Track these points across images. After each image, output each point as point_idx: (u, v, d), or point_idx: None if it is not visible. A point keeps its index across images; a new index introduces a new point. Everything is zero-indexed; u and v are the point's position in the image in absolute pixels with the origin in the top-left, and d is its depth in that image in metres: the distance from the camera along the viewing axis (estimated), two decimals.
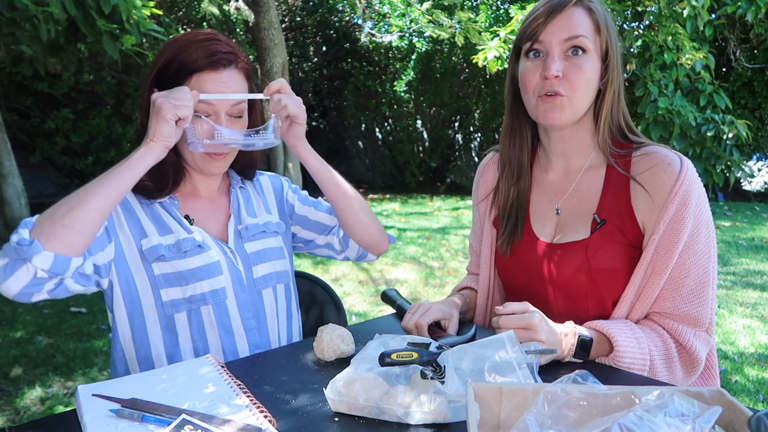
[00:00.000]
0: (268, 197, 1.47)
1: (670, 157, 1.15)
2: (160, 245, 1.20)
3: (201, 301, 1.22)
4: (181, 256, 1.21)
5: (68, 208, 1.05)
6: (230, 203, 1.37)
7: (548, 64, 1.14)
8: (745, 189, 9.57)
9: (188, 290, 1.21)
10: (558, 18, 1.14)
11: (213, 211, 1.34)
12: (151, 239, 1.21)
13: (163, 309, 1.21)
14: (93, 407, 0.89)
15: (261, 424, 0.83)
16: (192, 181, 1.33)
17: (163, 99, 1.10)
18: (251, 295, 1.30)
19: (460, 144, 10.85)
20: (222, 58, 1.19)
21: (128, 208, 1.24)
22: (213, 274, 1.23)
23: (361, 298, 4.33)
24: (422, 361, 0.90)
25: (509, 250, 1.32)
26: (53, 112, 7.69)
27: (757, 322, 3.67)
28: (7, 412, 2.63)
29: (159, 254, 1.19)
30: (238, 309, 1.28)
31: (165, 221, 1.25)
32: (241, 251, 1.31)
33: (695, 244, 1.13)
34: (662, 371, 1.14)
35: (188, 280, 1.21)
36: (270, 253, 1.36)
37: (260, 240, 1.35)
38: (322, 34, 10.90)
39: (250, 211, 1.39)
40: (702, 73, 5.22)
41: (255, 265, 1.32)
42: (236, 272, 1.28)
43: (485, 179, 1.45)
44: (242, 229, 1.33)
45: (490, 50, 5.15)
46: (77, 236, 1.04)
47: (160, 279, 1.20)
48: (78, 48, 3.82)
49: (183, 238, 1.22)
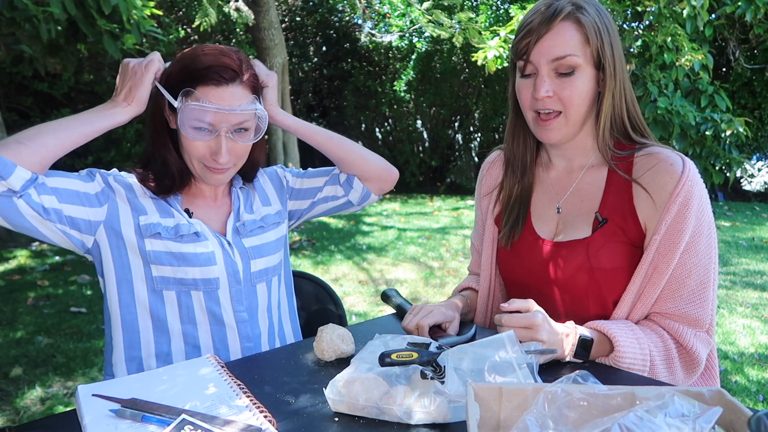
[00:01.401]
0: (267, 190, 1.49)
1: (672, 158, 1.15)
2: (158, 224, 1.25)
3: (192, 285, 1.25)
4: (177, 239, 1.25)
5: (28, 132, 1.13)
6: (231, 202, 1.40)
7: (537, 86, 1.15)
8: (745, 189, 9.57)
9: (179, 272, 1.24)
10: (546, 37, 1.14)
11: (214, 209, 1.37)
12: (150, 217, 1.25)
13: (153, 282, 1.24)
14: (93, 407, 0.89)
15: (261, 425, 0.83)
16: (196, 184, 1.36)
17: (136, 62, 1.21)
18: (246, 288, 1.32)
19: (460, 144, 10.85)
20: (225, 75, 1.19)
21: (131, 190, 1.28)
22: (206, 263, 1.26)
23: (361, 298, 4.32)
24: (422, 361, 0.90)
25: (509, 245, 1.32)
26: (53, 112, 7.70)
27: (757, 322, 3.67)
28: (7, 412, 2.62)
29: (155, 231, 1.23)
30: (231, 301, 1.29)
31: (167, 208, 1.29)
32: (239, 245, 1.33)
33: (697, 244, 1.13)
34: (662, 372, 1.14)
35: (180, 262, 1.24)
36: (267, 248, 1.38)
37: (258, 235, 1.38)
38: (322, 34, 10.89)
39: (248, 209, 1.41)
40: (701, 73, 5.21)
41: (253, 259, 1.34)
42: (232, 264, 1.30)
43: (489, 177, 1.46)
44: (239, 226, 1.36)
45: (489, 49, 5.14)
46: (26, 150, 1.09)
47: (151, 255, 1.23)
48: (78, 48, 3.83)
49: (182, 223, 1.26)
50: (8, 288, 4.51)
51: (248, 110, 1.22)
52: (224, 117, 1.20)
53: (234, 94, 1.20)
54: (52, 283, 4.67)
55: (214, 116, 1.19)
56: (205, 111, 1.18)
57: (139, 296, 1.24)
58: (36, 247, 5.85)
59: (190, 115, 1.19)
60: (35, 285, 4.60)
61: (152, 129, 1.30)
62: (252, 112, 1.24)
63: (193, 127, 1.20)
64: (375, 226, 6.98)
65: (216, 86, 1.19)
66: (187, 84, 1.20)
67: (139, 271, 1.24)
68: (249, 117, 1.24)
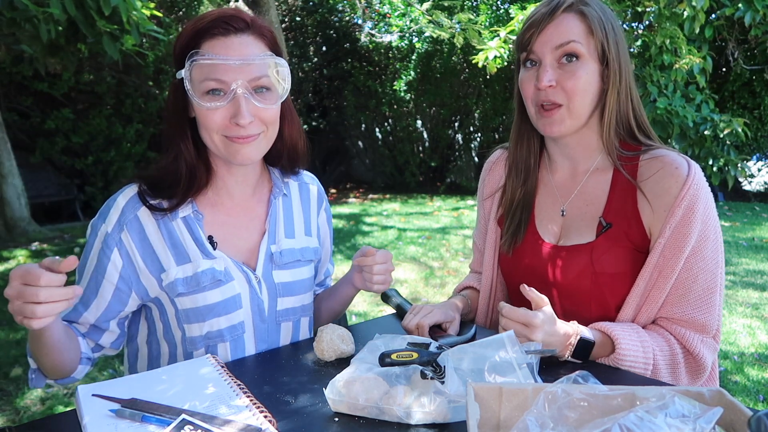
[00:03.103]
0: (312, 212, 1.33)
1: (678, 161, 1.14)
2: (177, 281, 1.12)
3: (218, 338, 1.16)
4: (200, 290, 1.13)
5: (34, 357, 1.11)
6: (267, 216, 1.23)
7: (540, 75, 1.15)
8: (745, 189, 9.56)
9: (205, 327, 1.15)
10: (549, 27, 1.14)
11: (245, 225, 1.21)
12: (170, 273, 1.13)
13: (184, 345, 1.17)
14: (93, 407, 0.89)
15: (261, 425, 0.83)
16: (219, 184, 1.19)
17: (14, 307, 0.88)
18: (269, 327, 1.22)
19: (460, 144, 10.84)
20: (233, 23, 1.06)
21: (143, 239, 1.13)
22: (232, 309, 1.16)
23: (361, 298, 4.32)
24: (422, 361, 0.90)
25: (511, 251, 1.32)
26: (53, 112, 7.69)
27: (758, 322, 3.67)
28: (7, 412, 2.62)
29: (177, 292, 1.13)
30: (255, 342, 1.21)
31: (183, 246, 1.14)
32: (269, 279, 1.21)
33: (703, 249, 1.12)
34: (666, 376, 1.13)
35: (206, 316, 1.14)
36: (299, 286, 1.25)
37: (292, 270, 1.24)
38: (322, 34, 10.89)
39: (289, 229, 1.26)
40: (697, 77, 5.21)
41: (281, 297, 1.22)
42: (258, 302, 1.19)
43: (491, 177, 1.45)
44: (276, 253, 1.21)
45: (490, 50, 5.14)
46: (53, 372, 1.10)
47: (182, 315, 1.15)
48: (78, 48, 3.82)
49: (201, 271, 1.13)
50: None
51: (264, 60, 1.05)
52: (237, 70, 1.04)
53: (245, 44, 1.05)
54: None
55: (224, 71, 1.03)
56: (214, 66, 1.03)
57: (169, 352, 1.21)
58: (36, 247, 5.84)
59: (197, 76, 1.05)
60: None
61: (168, 121, 1.15)
62: (269, 66, 1.07)
63: (204, 92, 1.05)
64: (375, 226, 6.98)
65: (224, 36, 1.04)
66: (192, 45, 1.06)
67: (176, 334, 1.17)
68: (267, 71, 1.07)
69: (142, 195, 1.13)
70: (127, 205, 1.13)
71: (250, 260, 1.20)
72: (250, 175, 1.22)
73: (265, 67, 1.07)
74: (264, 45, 1.09)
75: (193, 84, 1.05)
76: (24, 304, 0.86)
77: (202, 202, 1.18)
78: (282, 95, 1.11)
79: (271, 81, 1.09)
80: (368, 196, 9.91)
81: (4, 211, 6.30)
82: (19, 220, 6.37)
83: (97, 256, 1.13)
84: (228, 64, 1.03)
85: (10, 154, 6.27)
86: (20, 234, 6.30)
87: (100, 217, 1.14)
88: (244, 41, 1.05)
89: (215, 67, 1.03)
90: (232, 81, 1.04)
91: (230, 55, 1.03)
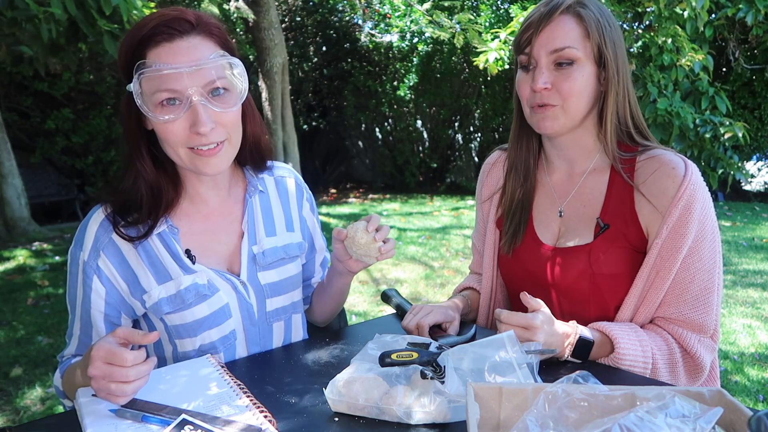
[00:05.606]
0: (292, 206, 1.28)
1: (675, 161, 1.14)
2: (161, 300, 1.10)
3: (211, 350, 1.14)
4: (186, 306, 1.10)
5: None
6: (244, 216, 1.19)
7: (536, 77, 1.15)
8: (745, 189, 9.56)
9: (197, 341, 1.13)
10: (545, 30, 1.14)
11: (224, 229, 1.17)
12: (152, 294, 1.10)
13: (175, 360, 1.16)
14: (93, 407, 0.89)
15: (261, 425, 0.83)
16: (191, 193, 1.14)
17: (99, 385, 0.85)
18: (261, 329, 1.20)
19: (460, 144, 10.84)
20: (177, 26, 0.98)
21: (121, 261, 1.10)
22: (222, 320, 1.14)
23: (361, 298, 4.32)
24: (422, 361, 0.90)
25: (511, 252, 1.32)
26: (53, 112, 7.69)
27: (758, 321, 3.67)
28: (7, 412, 2.62)
29: (163, 311, 1.10)
30: (246, 346, 1.20)
31: (162, 265, 1.11)
32: (255, 282, 1.18)
33: (700, 249, 1.12)
34: (665, 376, 1.13)
35: (196, 331, 1.12)
36: (287, 284, 1.23)
37: (278, 269, 1.21)
38: (322, 34, 10.89)
39: (269, 227, 1.22)
40: (700, 74, 5.21)
41: (269, 298, 1.20)
42: (247, 307, 1.17)
43: (490, 179, 1.45)
44: (258, 254, 1.18)
45: (490, 52, 5.14)
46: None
47: (172, 330, 1.13)
48: (78, 48, 3.82)
49: (184, 288, 1.10)
50: (8, 288, 4.51)
51: (216, 61, 0.98)
52: (189, 77, 0.96)
53: (193, 47, 0.98)
54: (52, 283, 4.66)
55: (175, 79, 0.96)
56: (164, 76, 0.95)
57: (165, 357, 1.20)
58: (36, 247, 5.85)
59: (148, 89, 0.97)
60: (35, 285, 4.59)
61: (124, 138, 1.08)
62: (223, 66, 1.00)
63: (157, 104, 0.98)
64: None
65: (168, 42, 0.96)
66: (137, 56, 0.97)
67: (167, 348, 1.17)
68: (222, 72, 1.00)
69: (111, 218, 1.09)
70: (99, 230, 1.10)
71: (233, 265, 1.17)
72: (221, 178, 1.17)
73: (219, 68, 1.00)
74: (214, 44, 1.02)
75: (145, 97, 0.98)
76: (110, 383, 0.84)
77: (176, 214, 1.14)
78: (241, 95, 1.05)
79: (227, 82, 1.02)
80: (368, 196, 9.91)
81: (4, 211, 6.30)
82: (19, 220, 6.37)
83: (81, 287, 1.11)
84: (179, 71, 0.96)
85: (10, 154, 6.27)
86: (20, 234, 6.31)
87: (76, 245, 1.12)
88: (192, 44, 0.98)
89: (165, 77, 0.96)
90: (185, 89, 0.97)
91: (179, 61, 0.96)
